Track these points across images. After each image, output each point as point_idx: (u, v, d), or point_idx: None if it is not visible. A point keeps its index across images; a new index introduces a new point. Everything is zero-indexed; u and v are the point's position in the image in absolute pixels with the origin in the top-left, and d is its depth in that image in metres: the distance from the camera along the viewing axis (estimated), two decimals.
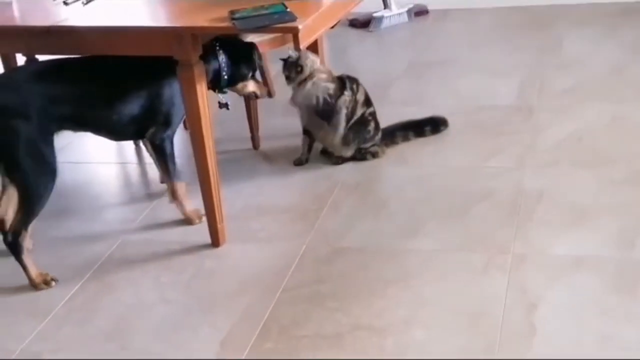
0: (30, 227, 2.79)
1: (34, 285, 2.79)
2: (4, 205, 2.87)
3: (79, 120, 2.83)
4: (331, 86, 3.39)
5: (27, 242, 2.82)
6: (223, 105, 3.09)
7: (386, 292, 2.61)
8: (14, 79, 2.84)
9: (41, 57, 3.84)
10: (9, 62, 3.85)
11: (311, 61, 3.39)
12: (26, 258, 2.79)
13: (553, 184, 3.14)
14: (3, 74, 2.94)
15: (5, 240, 2.79)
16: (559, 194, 3.08)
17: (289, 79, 3.42)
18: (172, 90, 2.89)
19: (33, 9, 3.07)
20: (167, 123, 2.94)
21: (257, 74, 3.21)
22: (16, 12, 3.01)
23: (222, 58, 2.99)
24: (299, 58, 3.37)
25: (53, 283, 2.81)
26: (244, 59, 3.06)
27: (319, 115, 3.40)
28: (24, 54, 3.82)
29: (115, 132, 2.96)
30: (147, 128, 2.95)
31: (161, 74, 2.87)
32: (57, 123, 2.76)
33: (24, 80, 2.77)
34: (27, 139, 2.67)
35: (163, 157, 2.99)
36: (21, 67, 3.07)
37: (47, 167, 2.73)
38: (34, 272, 2.80)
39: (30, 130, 2.66)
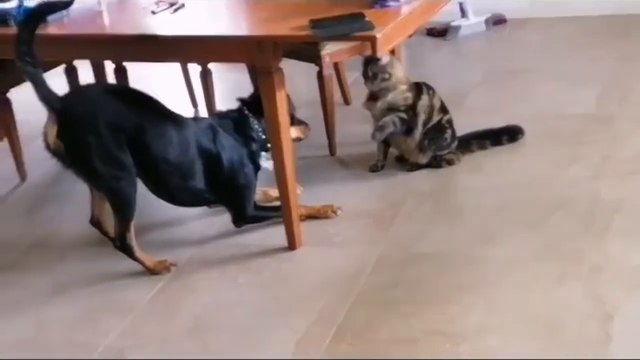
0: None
1: (155, 273, 2.92)
2: (97, 208, 2.99)
3: (135, 150, 2.84)
4: (409, 95, 3.41)
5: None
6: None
7: (460, 299, 2.63)
8: (86, 93, 2.96)
9: (129, 65, 4.02)
10: (99, 70, 4.02)
11: (397, 70, 3.39)
12: (139, 254, 2.92)
13: (632, 194, 3.10)
14: (76, 88, 3.05)
15: (115, 245, 2.92)
16: (638, 204, 3.04)
17: (369, 79, 3.40)
18: (233, 172, 2.99)
19: (122, 18, 3.19)
20: (240, 204, 3.02)
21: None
22: (106, 21, 3.13)
23: (253, 123, 3.05)
24: (388, 64, 3.36)
25: (173, 268, 2.94)
26: None
27: (398, 124, 3.42)
28: (113, 62, 3.98)
29: (162, 188, 2.98)
30: (207, 201, 3.07)
31: (222, 150, 2.97)
32: (126, 135, 2.80)
33: (96, 95, 2.88)
34: (100, 150, 2.76)
35: (263, 221, 3.10)
36: (95, 83, 3.17)
37: (126, 172, 2.81)
38: (151, 263, 2.93)
39: (102, 141, 2.75)
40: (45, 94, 2.72)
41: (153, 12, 3.04)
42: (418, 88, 3.46)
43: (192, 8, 3.09)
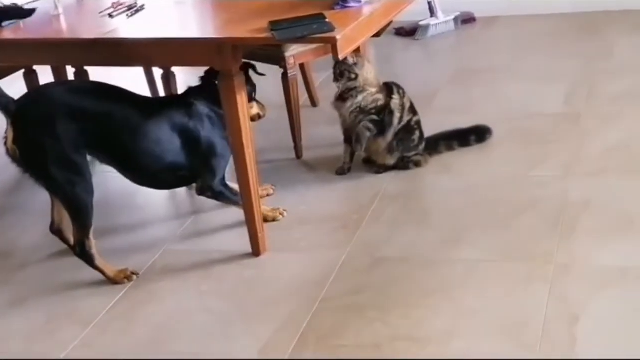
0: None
1: (115, 283, 2.85)
2: (57, 215, 2.93)
3: (104, 145, 2.80)
4: (380, 97, 3.37)
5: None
6: None
7: (426, 302, 2.60)
8: (42, 94, 2.84)
9: (91, 68, 3.96)
10: (60, 75, 3.96)
11: (366, 71, 3.34)
12: (99, 263, 2.85)
13: (600, 193, 3.09)
14: (35, 89, 2.93)
15: (74, 253, 2.85)
16: (606, 203, 3.03)
17: (336, 78, 3.37)
18: (210, 140, 2.90)
19: (80, 22, 3.14)
20: (210, 174, 2.94)
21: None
22: (64, 25, 3.08)
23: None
24: (356, 64, 3.32)
25: (134, 277, 2.87)
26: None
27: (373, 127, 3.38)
28: (72, 66, 3.92)
29: (142, 174, 2.93)
30: (187, 180, 2.98)
31: (198, 121, 2.89)
32: (85, 139, 2.74)
33: (53, 95, 2.78)
34: (57, 153, 2.70)
35: (223, 200, 3.02)
36: (54, 82, 3.08)
37: (82, 178, 2.75)
38: (112, 272, 2.86)
39: (58, 144, 2.69)
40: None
41: (111, 16, 2.99)
42: (388, 88, 3.43)
43: (150, 11, 3.04)
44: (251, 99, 3.04)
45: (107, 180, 3.70)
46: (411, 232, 3.00)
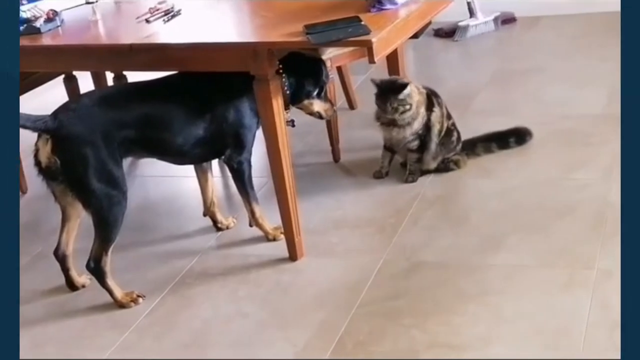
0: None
1: (121, 306, 2.81)
2: (64, 241, 2.92)
3: (144, 144, 2.82)
4: (425, 114, 3.34)
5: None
6: (288, 123, 2.95)
7: (465, 309, 2.56)
8: (78, 107, 2.79)
9: (129, 73, 3.98)
10: (100, 80, 3.99)
11: (414, 95, 3.29)
12: (110, 281, 2.81)
13: None
14: (69, 102, 2.88)
15: (87, 266, 2.81)
16: None
17: (389, 112, 3.28)
18: (239, 113, 2.88)
19: (117, 27, 3.16)
20: (239, 145, 2.92)
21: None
22: (101, 30, 3.10)
23: (284, 75, 2.89)
24: (409, 95, 3.25)
25: (140, 300, 2.82)
26: (309, 76, 2.97)
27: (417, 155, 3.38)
28: (111, 71, 3.95)
29: (181, 156, 2.93)
30: (218, 151, 2.95)
31: (224, 96, 2.86)
32: (124, 147, 2.76)
33: (89, 107, 2.76)
34: (96, 166, 2.69)
35: (241, 180, 2.98)
36: (88, 93, 3.08)
37: (119, 192, 2.74)
38: (119, 293, 2.82)
39: (98, 157, 2.68)
40: (34, 123, 2.65)
41: (147, 21, 3.00)
42: (429, 100, 3.38)
43: (187, 16, 3.05)
44: (317, 95, 3.01)
45: (147, 184, 3.74)
46: (449, 237, 2.97)
